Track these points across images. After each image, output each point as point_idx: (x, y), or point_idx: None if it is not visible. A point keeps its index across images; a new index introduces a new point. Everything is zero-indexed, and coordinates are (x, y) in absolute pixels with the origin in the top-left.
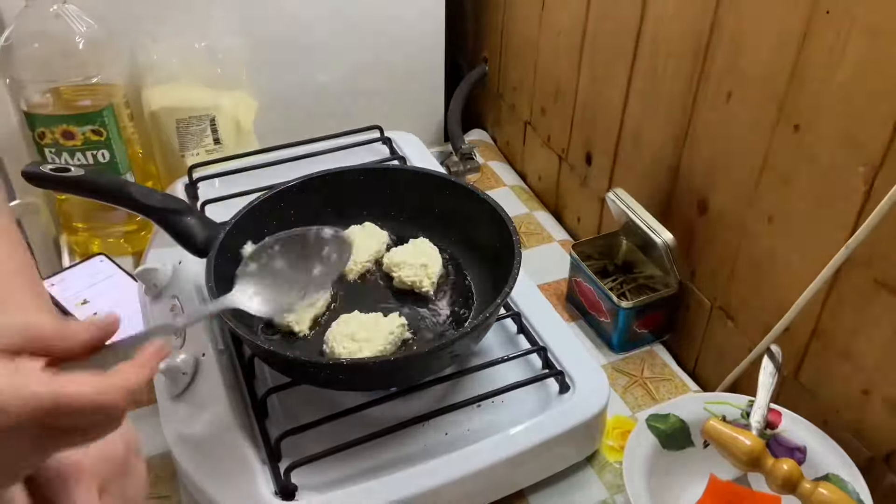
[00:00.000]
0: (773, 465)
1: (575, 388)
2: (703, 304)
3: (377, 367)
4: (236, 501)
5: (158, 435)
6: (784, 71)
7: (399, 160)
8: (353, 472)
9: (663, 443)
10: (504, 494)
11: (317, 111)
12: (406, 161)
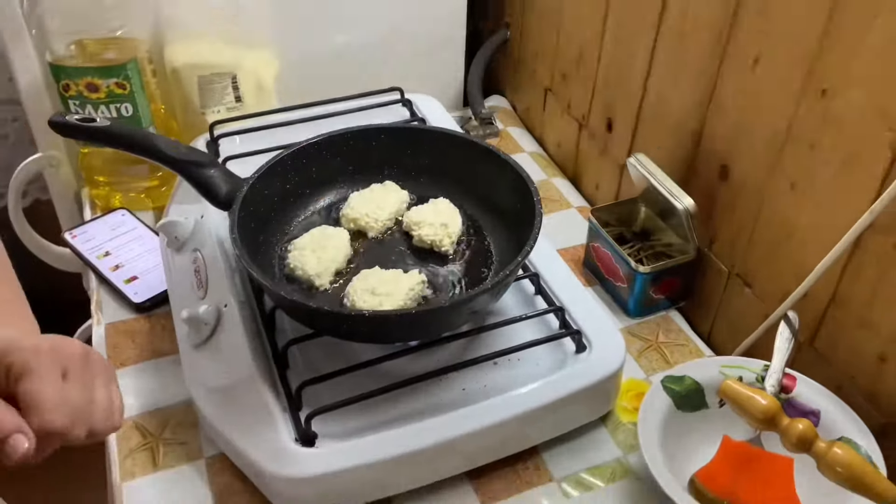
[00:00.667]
0: (788, 425)
1: (591, 348)
2: (720, 271)
3: (398, 319)
4: (258, 448)
5: (180, 384)
6: (814, 35)
7: (419, 122)
8: (371, 423)
9: (678, 404)
10: (518, 450)
11: (337, 72)
12: (426, 123)
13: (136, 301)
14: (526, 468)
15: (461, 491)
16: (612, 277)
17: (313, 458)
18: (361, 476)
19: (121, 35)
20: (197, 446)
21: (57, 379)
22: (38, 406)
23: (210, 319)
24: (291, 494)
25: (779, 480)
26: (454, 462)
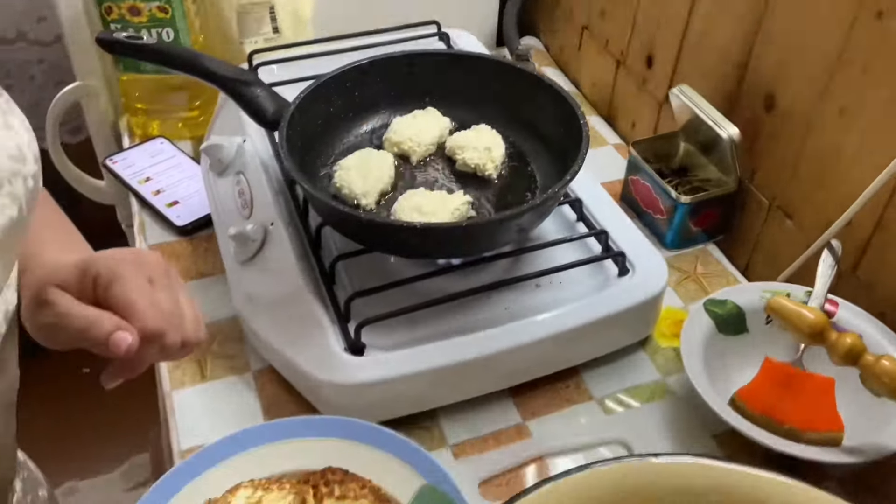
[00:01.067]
0: (836, 338)
1: (634, 271)
2: (760, 203)
3: (448, 232)
4: (308, 357)
5: (224, 303)
6: None
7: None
8: (416, 337)
9: (719, 327)
10: (559, 369)
11: (373, 5)
12: None
13: (178, 224)
14: (566, 387)
15: (503, 406)
16: (650, 210)
17: (363, 366)
18: (407, 386)
19: None
20: (244, 360)
21: (145, 284)
22: (132, 309)
23: (257, 237)
24: (340, 402)
25: (820, 399)
26: (496, 378)
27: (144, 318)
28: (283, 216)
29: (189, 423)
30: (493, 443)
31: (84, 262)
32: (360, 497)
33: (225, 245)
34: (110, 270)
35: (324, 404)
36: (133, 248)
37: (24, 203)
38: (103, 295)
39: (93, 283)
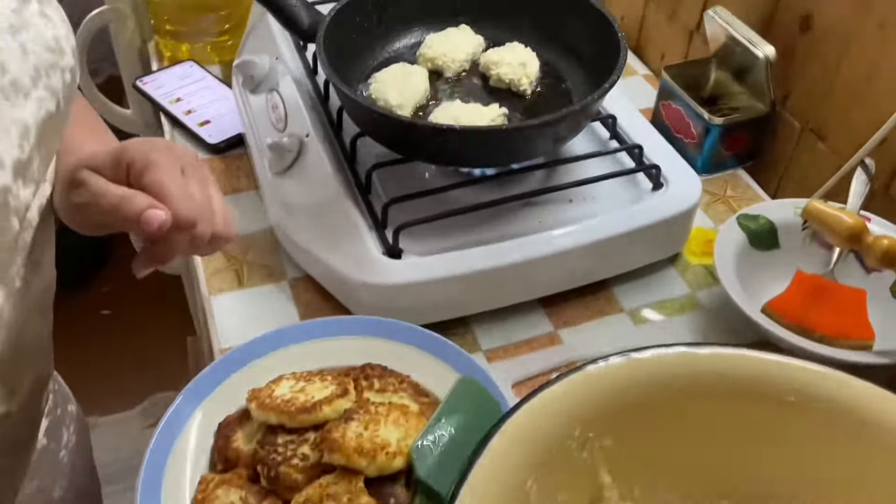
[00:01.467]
0: (873, 240)
1: (668, 185)
2: (793, 127)
3: (487, 136)
4: (346, 261)
5: (258, 216)
6: None
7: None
8: (451, 245)
9: (751, 241)
10: (590, 281)
11: None
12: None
13: (210, 142)
14: (597, 299)
15: (535, 316)
16: (681, 135)
17: (400, 268)
18: (442, 290)
19: None
20: (280, 269)
21: (178, 173)
22: (164, 195)
23: (293, 147)
24: (377, 304)
25: (851, 309)
26: (528, 287)
27: (177, 204)
28: (318, 130)
29: (228, 326)
30: (525, 349)
31: (118, 149)
32: (399, 390)
33: (259, 160)
34: (145, 157)
35: (361, 308)
36: (163, 139)
37: (62, 97)
38: (136, 181)
39: (127, 169)
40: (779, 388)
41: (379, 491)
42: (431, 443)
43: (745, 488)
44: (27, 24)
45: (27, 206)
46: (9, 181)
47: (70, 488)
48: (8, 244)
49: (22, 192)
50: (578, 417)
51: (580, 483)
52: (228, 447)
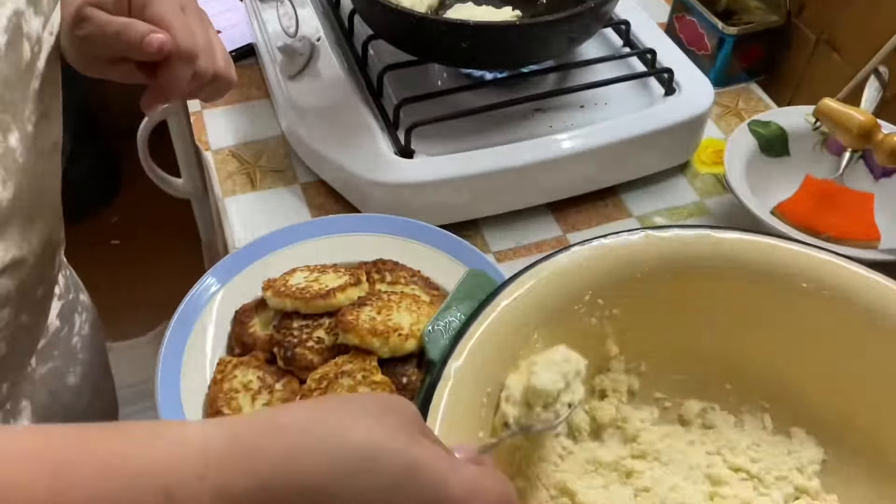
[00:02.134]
0: (884, 138)
1: (680, 90)
2: (807, 39)
3: (500, 32)
4: (359, 161)
5: (270, 124)
6: None
7: None
8: (462, 146)
9: (762, 147)
10: (599, 187)
11: None
12: None
13: None
14: (605, 205)
15: (544, 221)
16: (695, 47)
17: (412, 167)
18: (453, 189)
19: None
20: (292, 174)
21: (178, 9)
22: (166, 26)
23: (305, 50)
24: (389, 203)
25: (859, 212)
26: (537, 191)
27: (178, 35)
28: (329, 35)
29: (242, 224)
30: (534, 250)
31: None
32: (410, 283)
33: (271, 66)
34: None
35: (373, 209)
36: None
37: None
38: (138, 14)
39: (128, 4)
40: (792, 273)
41: (391, 371)
42: (443, 327)
43: (750, 370)
44: None
45: (38, 37)
46: (22, 6)
47: (84, 378)
48: (21, 78)
49: (33, 21)
50: (590, 283)
51: (586, 349)
52: (245, 332)
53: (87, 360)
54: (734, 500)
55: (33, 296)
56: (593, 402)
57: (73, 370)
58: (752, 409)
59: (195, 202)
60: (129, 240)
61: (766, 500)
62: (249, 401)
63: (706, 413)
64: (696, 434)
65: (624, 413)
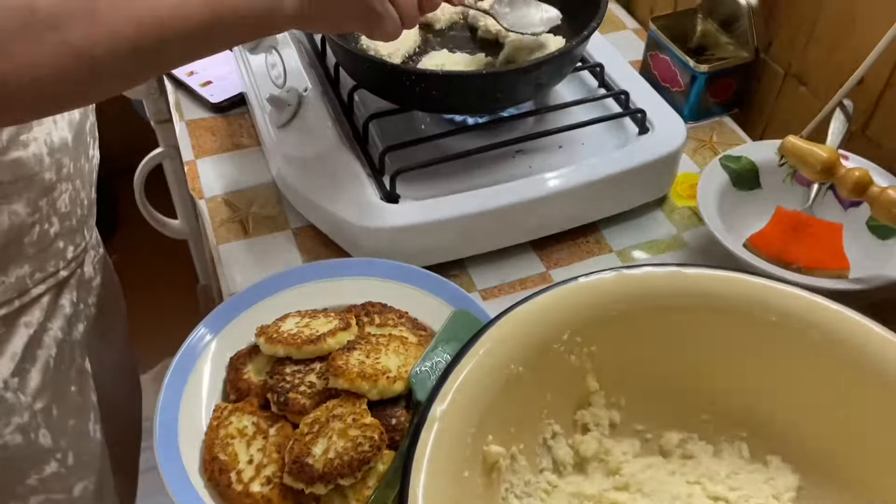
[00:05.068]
0: (845, 172)
1: (653, 129)
2: (776, 73)
3: (469, 80)
4: (347, 207)
5: (260, 170)
6: None
7: None
8: (445, 190)
9: (734, 181)
10: (580, 223)
11: None
12: None
13: (213, 101)
14: (587, 241)
15: (527, 258)
16: (668, 84)
17: (398, 212)
18: (438, 232)
19: None
20: (283, 220)
21: None
22: None
23: (292, 101)
24: (377, 248)
25: (828, 242)
26: (520, 230)
27: None
28: (316, 86)
29: (237, 270)
30: (519, 287)
31: None
32: (398, 325)
33: (261, 116)
34: None
35: (361, 252)
36: None
37: None
38: None
39: None
40: (759, 306)
41: (381, 413)
42: (429, 368)
43: (725, 401)
44: None
45: None
46: None
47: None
48: None
49: None
50: (568, 322)
51: (567, 385)
52: (240, 379)
53: (99, 296)
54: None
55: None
56: (576, 437)
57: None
58: (729, 439)
59: (192, 242)
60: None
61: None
62: (245, 446)
63: (686, 443)
64: (676, 464)
65: (606, 446)
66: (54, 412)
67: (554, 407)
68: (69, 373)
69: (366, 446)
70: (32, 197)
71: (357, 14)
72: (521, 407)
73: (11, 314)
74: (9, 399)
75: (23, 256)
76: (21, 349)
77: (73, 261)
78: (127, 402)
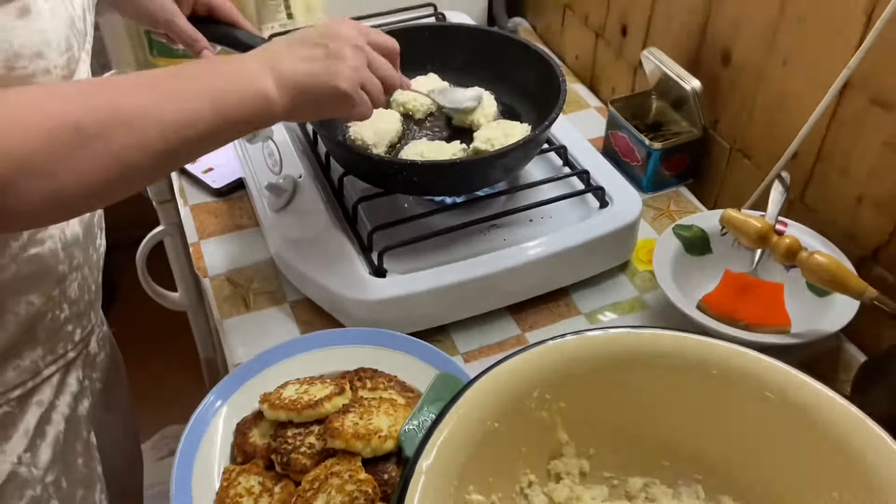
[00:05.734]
0: (777, 240)
1: (613, 203)
2: (723, 148)
3: (445, 168)
4: (339, 282)
5: (260, 249)
6: None
7: None
8: (428, 263)
9: (686, 248)
10: (551, 289)
11: None
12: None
13: (214, 187)
14: (558, 306)
15: (504, 322)
16: (628, 159)
17: (385, 285)
18: (422, 301)
19: None
20: (281, 294)
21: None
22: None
23: (288, 187)
24: (367, 318)
25: (771, 301)
26: (497, 296)
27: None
28: (309, 171)
29: (239, 343)
30: (497, 349)
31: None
32: (388, 388)
33: (259, 200)
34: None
35: (352, 322)
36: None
37: None
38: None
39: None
40: (704, 362)
41: (374, 469)
42: (416, 426)
43: (681, 448)
44: None
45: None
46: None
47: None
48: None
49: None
50: (538, 381)
51: (540, 438)
52: (246, 442)
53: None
54: None
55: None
56: (550, 485)
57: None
58: (687, 482)
59: (190, 313)
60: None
61: None
62: (252, 503)
63: (648, 488)
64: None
65: (577, 492)
66: (63, 484)
67: (529, 458)
68: (75, 446)
69: (361, 500)
70: (46, 287)
71: (335, 103)
72: (499, 459)
73: (25, 394)
74: (23, 474)
75: (36, 341)
76: (33, 426)
77: (81, 342)
78: (129, 472)
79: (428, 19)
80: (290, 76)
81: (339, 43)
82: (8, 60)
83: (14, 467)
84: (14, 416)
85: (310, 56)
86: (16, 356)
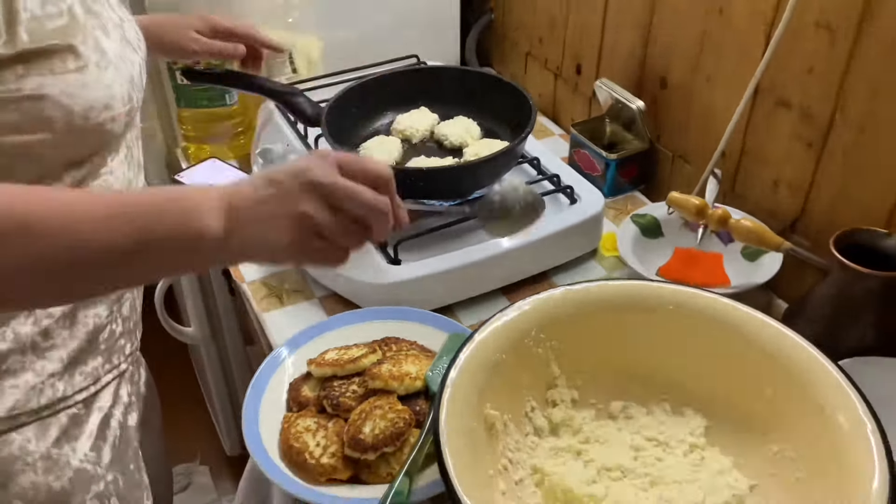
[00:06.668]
0: (711, 212)
1: (580, 200)
2: (666, 155)
3: (444, 171)
4: (362, 271)
5: None
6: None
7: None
8: (434, 253)
9: (643, 232)
10: (534, 272)
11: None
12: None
13: None
14: (542, 286)
15: (499, 301)
16: (590, 170)
17: (400, 270)
18: (431, 283)
19: None
20: (310, 292)
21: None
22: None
23: None
24: (386, 299)
25: (713, 267)
26: (491, 279)
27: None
28: None
29: (277, 330)
30: None
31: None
32: (410, 350)
33: None
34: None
35: (375, 304)
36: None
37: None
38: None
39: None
40: (660, 300)
41: (407, 403)
42: (438, 371)
43: (650, 374)
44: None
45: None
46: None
47: (142, 402)
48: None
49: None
50: (533, 324)
51: (537, 370)
52: (299, 395)
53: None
54: (651, 457)
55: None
56: (548, 409)
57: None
58: (657, 401)
59: (203, 347)
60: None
61: (671, 455)
62: (311, 437)
63: (626, 409)
64: (621, 423)
65: (570, 415)
66: (121, 484)
67: (530, 387)
68: (128, 452)
69: (401, 424)
70: (109, 303)
71: (286, 244)
72: (507, 385)
73: (89, 398)
74: (89, 470)
75: (97, 351)
76: (96, 429)
77: (130, 356)
78: (164, 490)
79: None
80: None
81: (293, 192)
82: (84, 111)
83: (82, 464)
84: (81, 417)
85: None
86: (82, 363)
